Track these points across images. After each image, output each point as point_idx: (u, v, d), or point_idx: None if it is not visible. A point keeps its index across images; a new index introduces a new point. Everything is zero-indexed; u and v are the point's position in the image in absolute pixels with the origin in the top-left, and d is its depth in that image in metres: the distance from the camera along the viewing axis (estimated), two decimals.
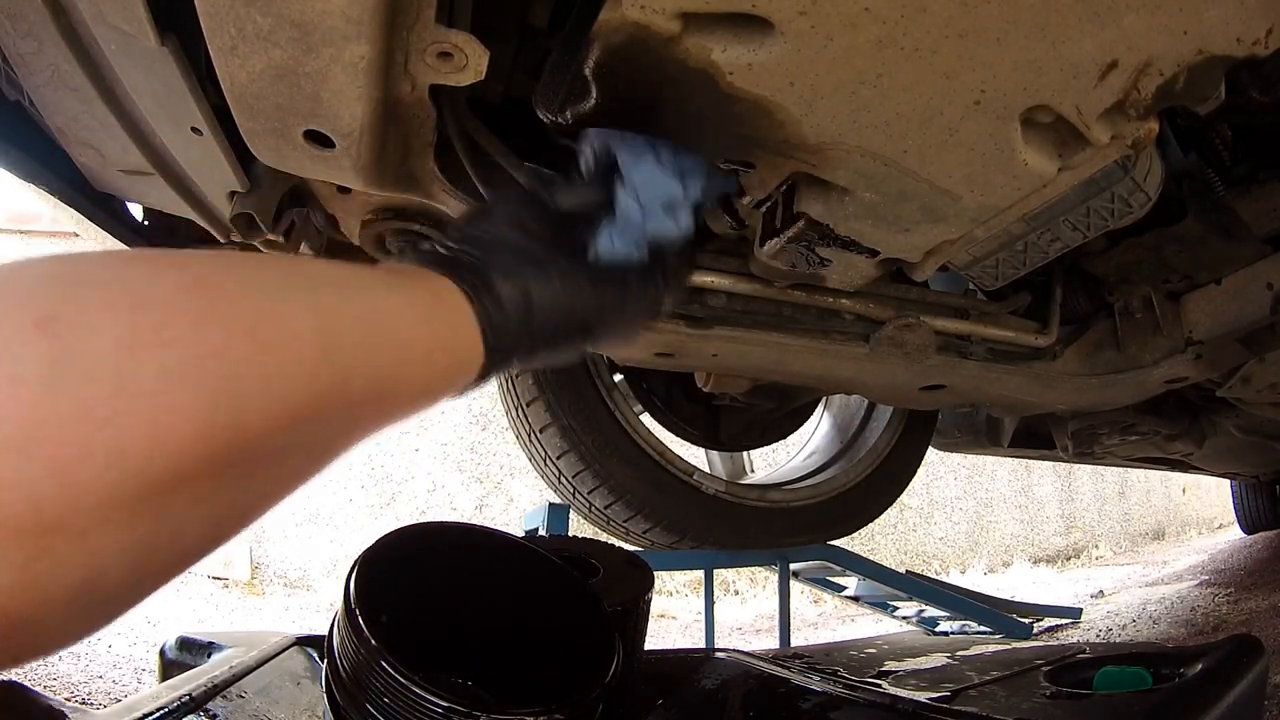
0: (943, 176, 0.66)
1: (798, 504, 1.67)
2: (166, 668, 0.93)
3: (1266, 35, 0.56)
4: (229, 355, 0.31)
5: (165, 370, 0.28)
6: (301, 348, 0.34)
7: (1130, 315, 1.16)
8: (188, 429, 0.29)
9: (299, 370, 0.34)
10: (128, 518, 0.28)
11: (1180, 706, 0.72)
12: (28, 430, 0.25)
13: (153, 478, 0.28)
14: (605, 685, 0.66)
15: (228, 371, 0.30)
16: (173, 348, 0.29)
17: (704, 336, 0.95)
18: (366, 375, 0.38)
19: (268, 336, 0.33)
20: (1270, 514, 3.86)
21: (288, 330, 0.34)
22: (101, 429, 0.26)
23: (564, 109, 0.59)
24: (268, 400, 0.32)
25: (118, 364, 0.27)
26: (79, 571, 0.27)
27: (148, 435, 0.28)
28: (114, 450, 0.27)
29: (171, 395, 0.28)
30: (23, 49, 0.67)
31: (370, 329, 0.39)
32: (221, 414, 0.30)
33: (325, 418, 0.36)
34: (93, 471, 0.26)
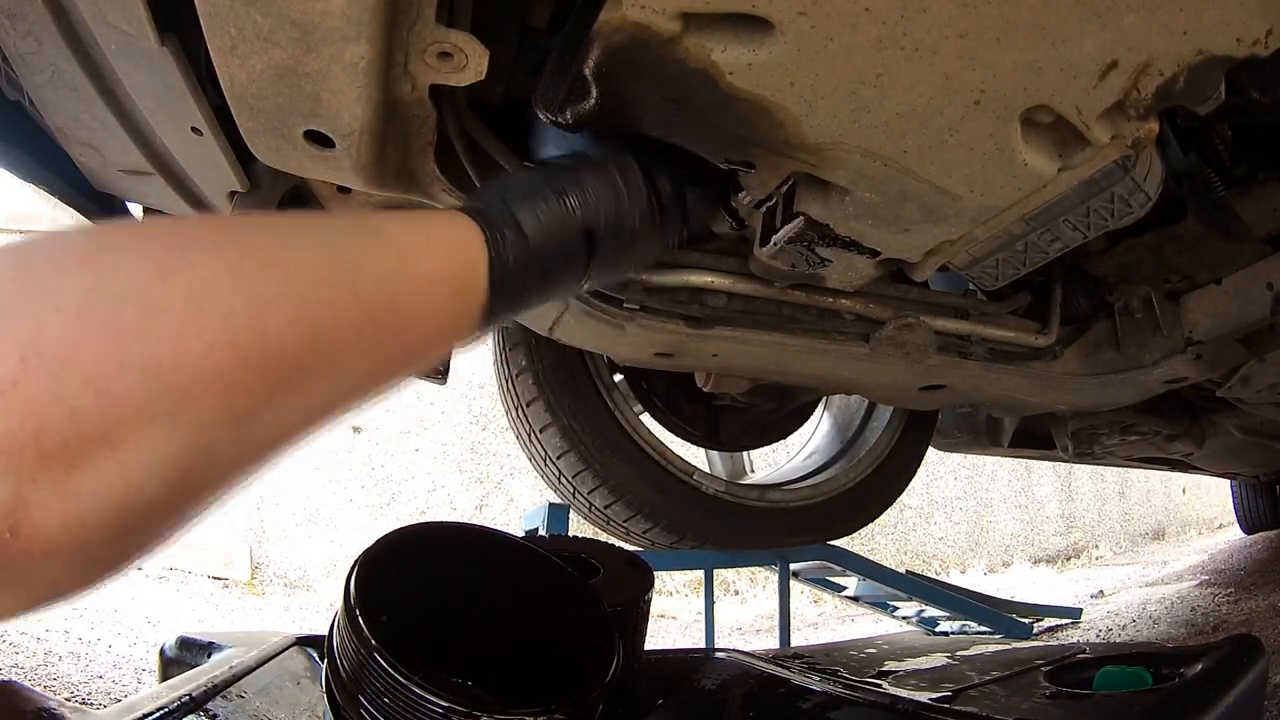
0: (943, 176, 0.66)
1: (798, 504, 1.67)
2: (166, 668, 0.93)
3: (1266, 35, 0.56)
4: (246, 272, 0.34)
5: (190, 290, 0.32)
6: (311, 261, 0.37)
7: (1130, 315, 1.16)
8: (211, 335, 0.31)
9: (309, 278, 0.37)
10: (162, 431, 0.30)
11: (1180, 706, 0.72)
12: (66, 350, 0.27)
13: (182, 385, 0.30)
14: (605, 685, 0.65)
15: (245, 286, 0.34)
16: (196, 269, 0.32)
17: (704, 336, 0.95)
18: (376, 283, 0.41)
19: (279, 254, 0.36)
20: (1270, 514, 3.86)
21: (300, 250, 0.37)
22: (134, 344, 0.29)
23: (564, 109, 0.59)
24: (283, 305, 0.35)
25: (147, 287, 0.31)
26: (117, 486, 0.29)
27: (175, 346, 0.30)
28: (145, 362, 0.29)
29: (196, 309, 0.31)
30: (23, 49, 0.67)
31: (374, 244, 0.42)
32: (241, 322, 0.33)
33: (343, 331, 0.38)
34: (127, 382, 0.29)
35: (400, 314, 0.42)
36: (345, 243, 0.41)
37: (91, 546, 0.29)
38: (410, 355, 0.44)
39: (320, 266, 0.38)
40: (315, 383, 0.37)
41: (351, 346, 0.39)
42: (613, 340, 0.97)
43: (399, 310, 0.42)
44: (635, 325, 0.93)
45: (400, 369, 0.44)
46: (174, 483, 0.31)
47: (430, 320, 0.45)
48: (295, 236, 0.39)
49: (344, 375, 0.39)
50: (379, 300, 0.40)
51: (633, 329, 0.93)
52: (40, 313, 0.28)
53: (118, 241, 0.33)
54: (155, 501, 0.30)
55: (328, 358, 0.38)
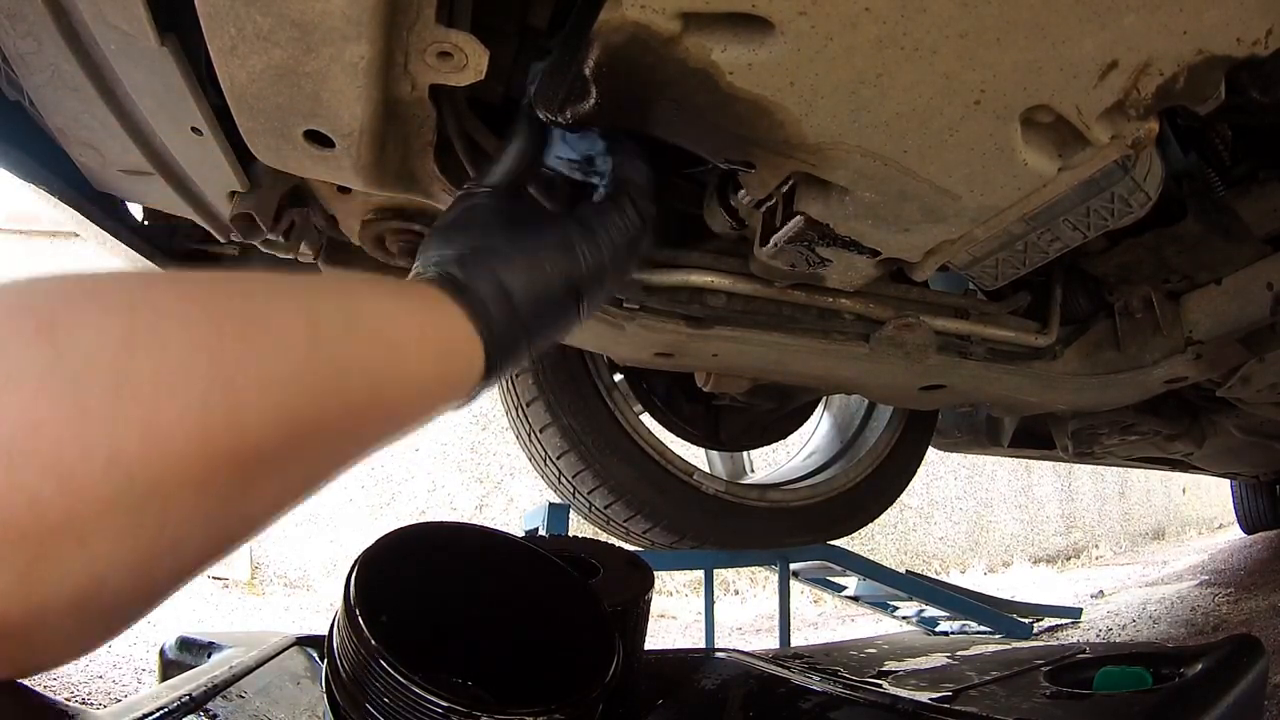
0: (943, 176, 0.66)
1: (798, 504, 1.67)
2: (166, 668, 0.93)
3: (1266, 35, 0.56)
4: (223, 356, 0.31)
5: (159, 370, 0.29)
6: (293, 346, 0.35)
7: (1130, 315, 1.16)
8: (184, 429, 0.29)
9: (292, 368, 0.34)
10: (128, 523, 0.28)
11: (1180, 706, 0.72)
12: (26, 432, 0.25)
13: (152, 480, 0.28)
14: (605, 685, 0.65)
15: (221, 373, 0.31)
16: (167, 348, 0.29)
17: (704, 336, 0.95)
18: (362, 373, 0.38)
19: (259, 336, 0.33)
20: (1270, 514, 3.86)
21: (279, 330, 0.34)
22: (99, 429, 0.27)
23: (564, 109, 0.59)
24: (263, 400, 0.32)
25: (114, 365, 0.28)
26: (80, 577, 0.27)
27: (144, 435, 0.28)
28: (112, 451, 0.27)
29: (168, 395, 0.29)
30: (23, 49, 0.67)
31: (361, 327, 0.39)
32: (217, 414, 0.30)
33: (323, 418, 0.36)
34: (92, 472, 0.26)
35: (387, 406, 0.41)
36: (330, 330, 0.37)
37: (53, 632, 0.28)
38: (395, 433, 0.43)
39: (303, 357, 0.35)
40: (293, 470, 0.36)
41: (333, 436, 0.38)
42: (613, 340, 0.97)
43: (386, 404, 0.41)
44: (635, 325, 0.93)
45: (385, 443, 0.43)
46: (140, 573, 0.30)
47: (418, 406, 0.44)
48: (276, 314, 0.35)
49: (324, 460, 0.38)
50: (365, 396, 0.39)
51: (633, 329, 0.93)
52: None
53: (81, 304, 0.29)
54: (120, 590, 0.29)
55: (308, 448, 0.36)
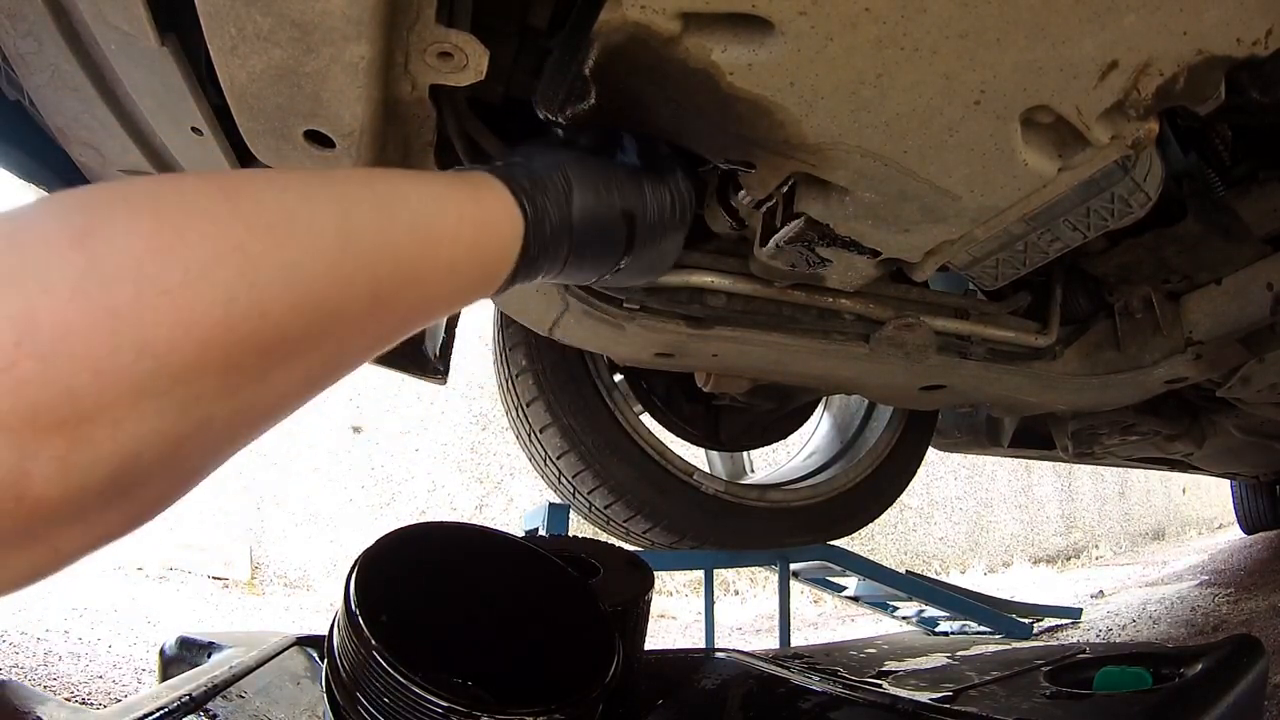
0: (943, 176, 0.66)
1: (798, 504, 1.67)
2: (166, 668, 0.93)
3: (1266, 35, 0.56)
4: (249, 249, 0.32)
5: (187, 268, 0.30)
6: (323, 239, 0.36)
7: (1130, 315, 1.16)
8: (209, 320, 0.31)
9: (319, 259, 0.35)
10: (157, 406, 0.30)
11: (1180, 706, 0.72)
12: (59, 333, 0.27)
13: (178, 365, 0.30)
14: (605, 685, 0.66)
15: (247, 265, 0.32)
16: (195, 247, 0.31)
17: (704, 336, 0.95)
18: (391, 267, 0.39)
19: (287, 229, 0.34)
20: (1270, 514, 3.86)
21: (308, 223, 0.35)
22: (128, 326, 0.29)
23: (564, 109, 0.59)
24: (288, 289, 0.34)
25: (142, 267, 0.29)
26: (115, 458, 0.29)
27: (171, 328, 0.30)
28: (141, 343, 0.29)
29: (193, 291, 0.30)
30: (23, 49, 0.67)
31: (394, 223, 0.40)
32: (241, 304, 0.32)
33: (351, 306, 0.37)
34: (122, 364, 0.28)
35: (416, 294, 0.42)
36: (363, 223, 0.38)
37: (91, 512, 0.30)
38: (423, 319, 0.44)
39: (334, 249, 0.36)
40: (316, 355, 0.37)
41: (359, 324, 0.39)
42: (613, 340, 0.97)
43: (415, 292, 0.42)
44: (635, 325, 0.93)
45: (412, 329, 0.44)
46: (170, 452, 0.31)
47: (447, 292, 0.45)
48: (308, 209, 0.36)
49: (348, 347, 0.39)
50: (395, 285, 0.40)
51: (633, 329, 0.93)
52: (32, 294, 0.27)
53: (111, 212, 0.31)
54: (152, 469, 0.31)
55: (333, 335, 0.37)
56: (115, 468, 0.29)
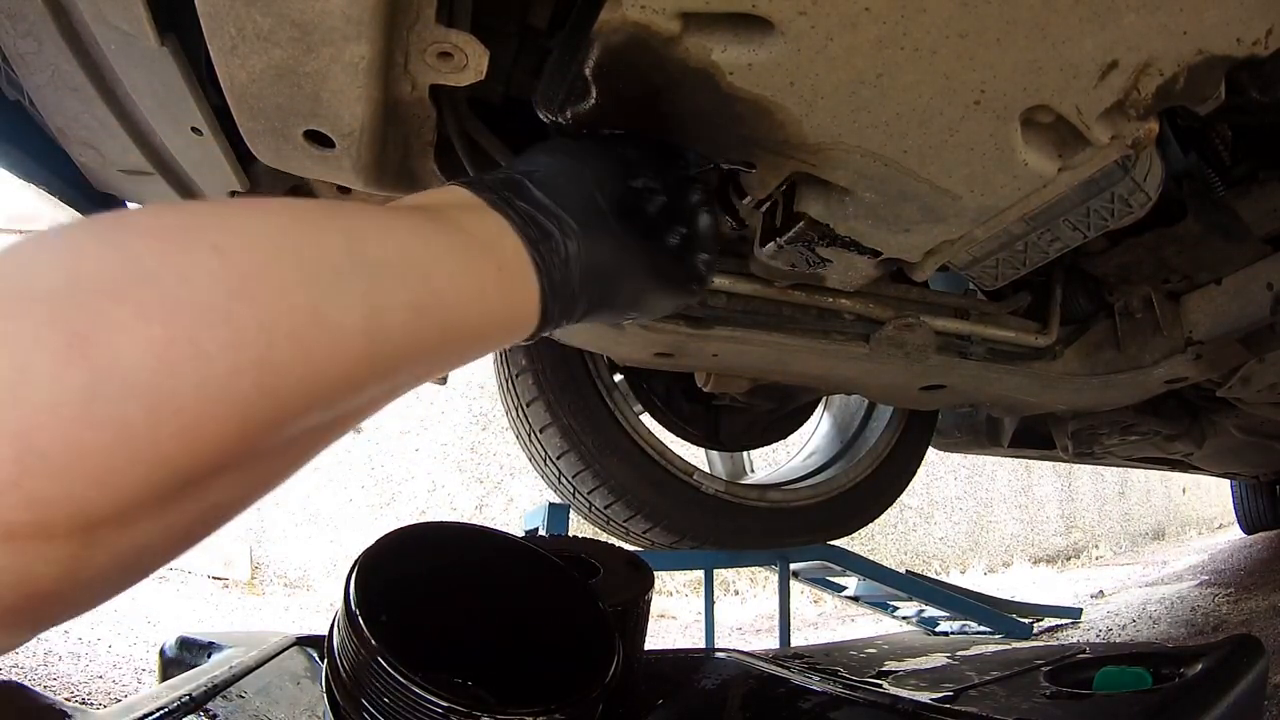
0: (943, 176, 0.66)
1: (798, 504, 1.67)
2: (166, 668, 0.93)
3: (1266, 35, 0.56)
4: (269, 361, 0.30)
5: (202, 383, 0.28)
6: (348, 346, 0.33)
7: (1130, 315, 1.16)
8: (226, 431, 0.29)
9: (341, 367, 0.33)
10: (170, 506, 0.29)
11: (1180, 706, 0.72)
12: (69, 453, 0.26)
13: (192, 475, 0.29)
14: (605, 685, 0.65)
15: (267, 377, 0.30)
16: (212, 362, 0.28)
17: (704, 336, 0.95)
18: (410, 359, 0.38)
19: (313, 334, 0.32)
20: (1270, 514, 3.86)
21: (336, 330, 0.33)
22: (141, 443, 0.27)
23: (564, 109, 0.59)
24: (306, 396, 0.32)
25: (153, 383, 0.27)
26: (125, 554, 0.29)
27: (188, 442, 0.28)
28: (154, 460, 0.28)
29: (211, 407, 0.29)
30: (23, 49, 0.67)
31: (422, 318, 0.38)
32: (258, 414, 0.30)
33: (363, 396, 0.36)
34: (137, 478, 0.27)
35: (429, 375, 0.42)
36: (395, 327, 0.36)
37: (96, 596, 0.30)
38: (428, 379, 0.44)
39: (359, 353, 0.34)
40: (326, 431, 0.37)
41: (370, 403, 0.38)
42: (613, 340, 0.97)
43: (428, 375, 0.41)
44: (635, 325, 0.93)
45: None
46: (180, 539, 0.32)
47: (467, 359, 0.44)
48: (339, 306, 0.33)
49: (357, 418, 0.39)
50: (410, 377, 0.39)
51: (633, 329, 0.93)
52: (34, 411, 0.25)
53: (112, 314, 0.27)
54: (161, 555, 0.32)
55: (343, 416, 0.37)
56: (124, 562, 0.29)
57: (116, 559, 0.29)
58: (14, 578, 0.26)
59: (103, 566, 0.28)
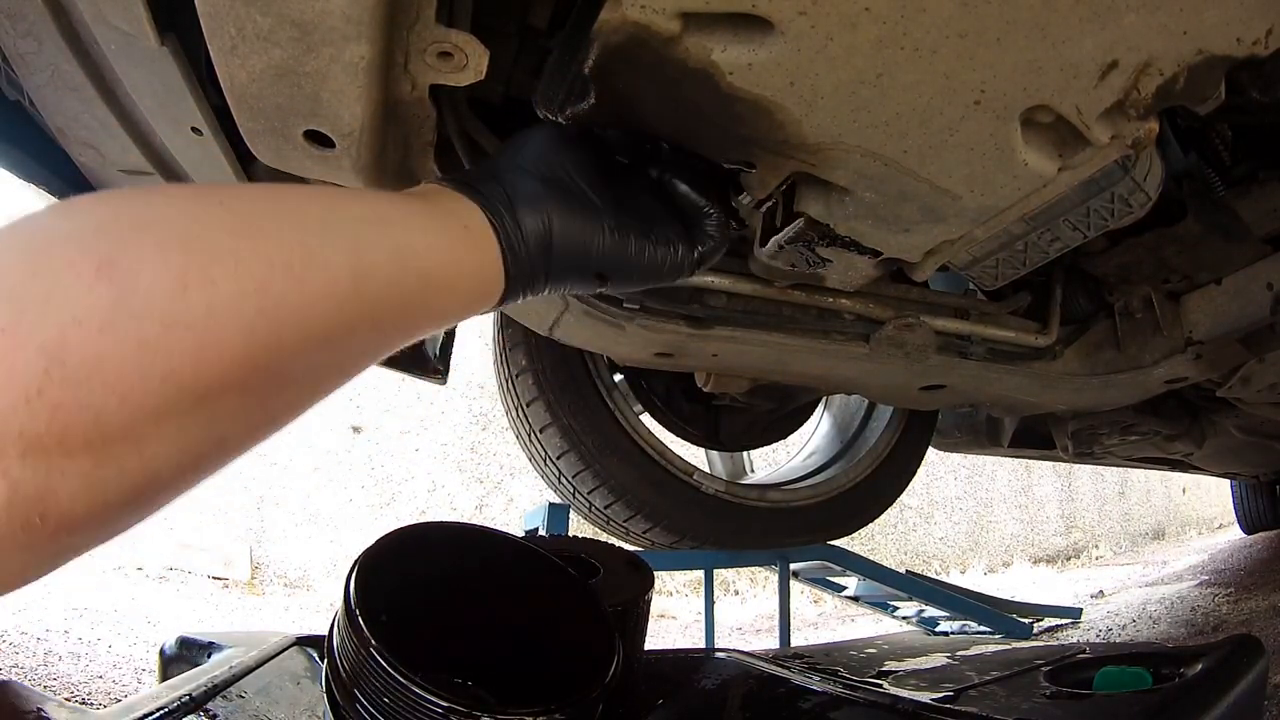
0: (943, 176, 0.66)
1: (798, 504, 1.67)
2: (166, 668, 0.93)
3: (1266, 35, 0.56)
4: (269, 290, 0.35)
5: (211, 306, 0.32)
6: (336, 282, 0.38)
7: (1130, 315, 1.16)
8: (231, 350, 0.33)
9: (332, 302, 0.38)
10: (179, 427, 0.32)
11: (1180, 706, 0.72)
12: (90, 362, 0.29)
13: (199, 391, 0.32)
14: (605, 685, 0.65)
15: (267, 304, 0.34)
16: (218, 285, 0.33)
17: (704, 336, 0.95)
18: (394, 303, 0.42)
19: (305, 272, 0.37)
20: (1270, 514, 3.86)
21: (324, 266, 0.38)
22: (156, 356, 0.31)
23: (564, 109, 0.59)
24: (302, 326, 0.36)
25: (169, 303, 0.31)
26: (136, 474, 0.31)
27: (196, 359, 0.32)
28: (167, 372, 0.31)
29: (217, 327, 0.32)
30: (23, 49, 0.67)
31: (400, 263, 0.43)
32: (260, 336, 0.34)
33: (355, 338, 0.40)
34: (149, 390, 0.30)
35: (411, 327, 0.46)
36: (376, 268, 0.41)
37: (110, 521, 0.32)
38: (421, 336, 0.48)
39: (347, 291, 0.39)
40: (321, 374, 0.40)
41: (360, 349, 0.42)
42: (613, 340, 0.97)
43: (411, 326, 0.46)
44: (635, 325, 0.93)
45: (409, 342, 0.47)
46: (189, 466, 0.34)
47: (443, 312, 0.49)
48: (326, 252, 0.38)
49: (348, 366, 0.43)
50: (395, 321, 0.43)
51: (633, 329, 0.93)
52: (62, 324, 0.28)
53: (136, 243, 0.32)
54: (170, 481, 0.34)
55: (337, 358, 0.40)
56: (137, 483, 0.31)
57: (129, 480, 0.31)
58: (34, 490, 0.28)
59: (116, 486, 0.31)
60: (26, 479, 0.28)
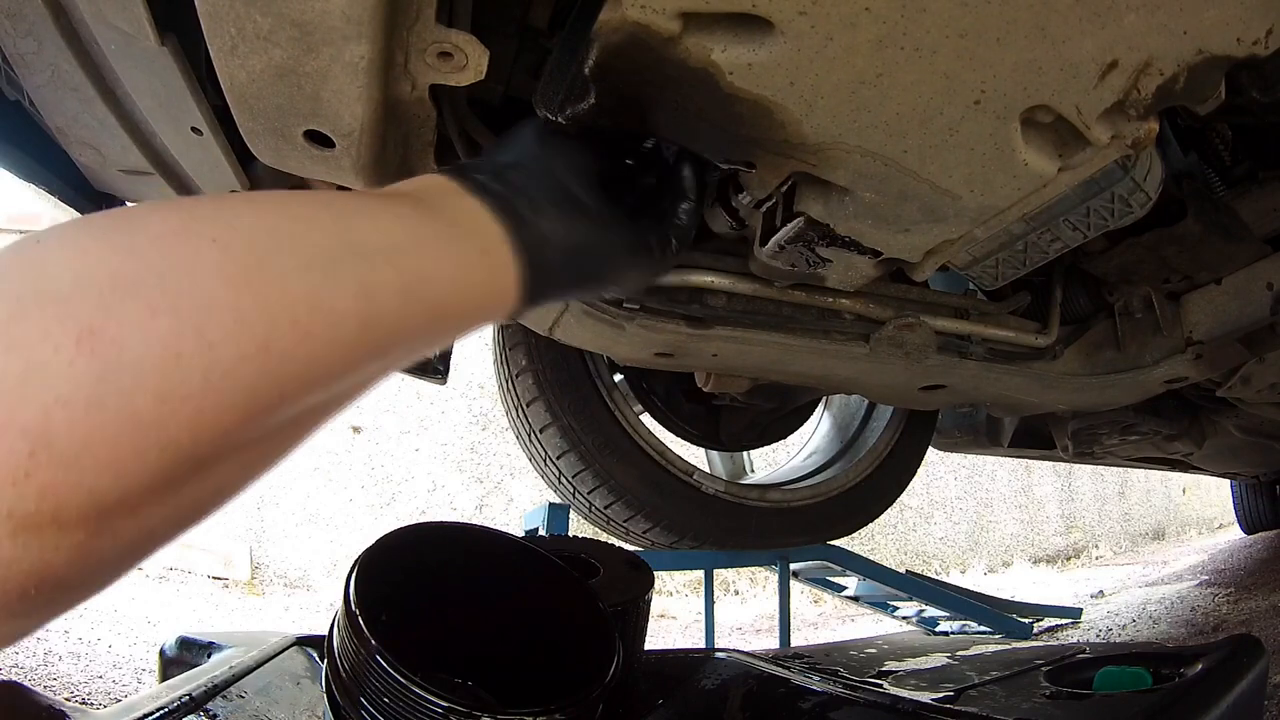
0: (943, 176, 0.66)
1: (798, 504, 1.67)
2: (166, 668, 0.93)
3: (1266, 35, 0.56)
4: (272, 349, 0.32)
5: (208, 373, 0.29)
6: (345, 330, 0.35)
7: (1130, 315, 1.16)
8: (234, 415, 0.31)
9: (341, 350, 0.35)
10: (176, 491, 0.30)
11: (1180, 706, 0.72)
12: (79, 443, 0.27)
13: (200, 457, 0.30)
14: (605, 685, 0.66)
15: (270, 365, 0.32)
16: (216, 350, 0.30)
17: (704, 336, 0.95)
18: (402, 338, 0.40)
19: (311, 322, 0.34)
20: (1270, 514, 3.86)
21: (331, 309, 0.35)
22: (149, 431, 0.28)
23: (564, 109, 0.59)
24: (306, 378, 0.34)
25: (162, 373, 0.28)
26: (132, 539, 0.30)
27: (193, 428, 0.29)
28: (162, 445, 0.29)
29: (214, 393, 0.30)
30: (23, 49, 0.67)
31: (413, 299, 0.40)
32: (263, 398, 0.32)
33: (358, 375, 0.38)
34: (144, 464, 0.28)
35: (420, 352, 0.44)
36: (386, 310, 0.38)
37: (105, 578, 0.31)
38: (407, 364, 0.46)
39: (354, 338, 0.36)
40: (327, 408, 0.38)
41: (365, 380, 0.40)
42: (613, 340, 0.97)
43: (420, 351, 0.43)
44: (635, 325, 0.93)
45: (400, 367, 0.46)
46: (186, 520, 0.33)
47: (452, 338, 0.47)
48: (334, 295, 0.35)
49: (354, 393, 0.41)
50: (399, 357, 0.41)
51: (633, 329, 0.93)
52: (45, 405, 0.26)
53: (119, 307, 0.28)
54: (167, 535, 0.32)
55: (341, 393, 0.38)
56: (134, 543, 0.30)
57: (125, 544, 0.30)
58: (28, 566, 0.27)
59: (112, 551, 0.29)
60: (19, 556, 0.27)
